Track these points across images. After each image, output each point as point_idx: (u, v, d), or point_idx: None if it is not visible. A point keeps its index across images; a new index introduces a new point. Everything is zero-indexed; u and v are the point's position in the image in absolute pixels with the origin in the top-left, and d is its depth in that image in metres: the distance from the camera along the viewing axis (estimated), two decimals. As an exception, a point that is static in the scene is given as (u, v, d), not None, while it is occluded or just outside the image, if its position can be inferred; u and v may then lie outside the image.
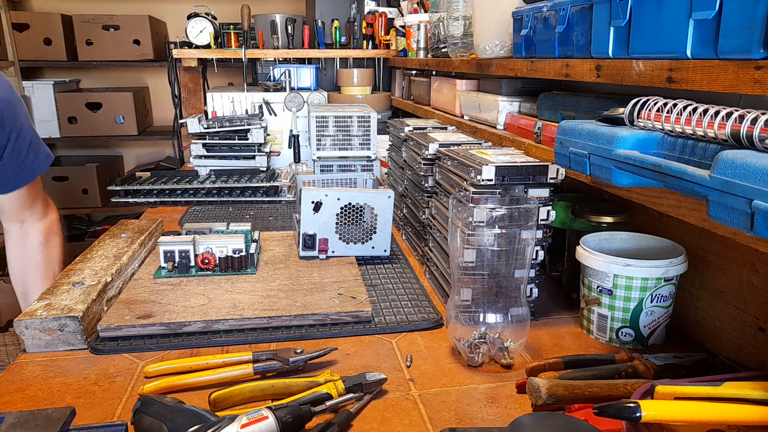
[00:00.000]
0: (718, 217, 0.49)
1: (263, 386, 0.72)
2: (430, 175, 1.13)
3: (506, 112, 1.22)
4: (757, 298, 0.77)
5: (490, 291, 0.84)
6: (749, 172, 0.45)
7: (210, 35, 2.40)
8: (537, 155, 0.99)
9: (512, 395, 0.74)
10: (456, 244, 0.83)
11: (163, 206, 1.67)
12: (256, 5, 2.77)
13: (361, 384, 0.72)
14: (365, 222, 1.18)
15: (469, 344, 0.82)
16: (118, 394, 0.74)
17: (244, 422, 0.59)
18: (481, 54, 1.25)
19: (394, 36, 2.38)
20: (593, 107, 0.89)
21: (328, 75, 2.65)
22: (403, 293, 1.04)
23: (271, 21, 2.57)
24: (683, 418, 0.53)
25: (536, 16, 0.99)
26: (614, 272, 0.83)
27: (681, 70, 0.64)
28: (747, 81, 0.55)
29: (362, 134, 1.49)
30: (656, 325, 0.85)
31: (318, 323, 0.91)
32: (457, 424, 0.68)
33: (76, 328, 0.84)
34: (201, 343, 0.86)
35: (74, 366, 0.81)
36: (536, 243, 0.90)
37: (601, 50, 0.79)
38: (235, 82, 3.26)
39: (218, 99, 2.04)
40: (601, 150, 0.65)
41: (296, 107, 1.96)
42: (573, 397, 0.66)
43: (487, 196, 0.87)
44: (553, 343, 0.89)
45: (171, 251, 1.06)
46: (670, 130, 0.60)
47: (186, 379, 0.75)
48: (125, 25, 2.97)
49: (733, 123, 0.52)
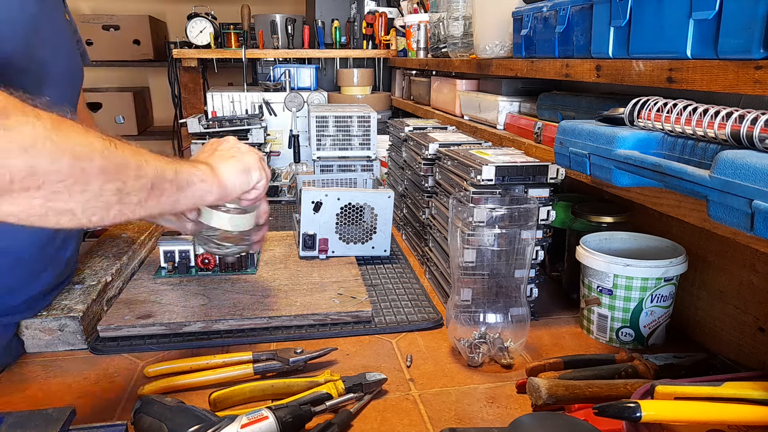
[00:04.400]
0: (718, 217, 0.49)
1: (263, 386, 0.72)
2: (430, 175, 1.13)
3: (506, 112, 1.22)
4: (757, 298, 0.77)
5: (490, 291, 0.84)
6: (749, 172, 0.45)
7: (210, 35, 2.40)
8: (537, 155, 0.99)
9: (512, 395, 0.74)
10: (456, 244, 0.83)
11: (163, 206, 1.67)
12: (256, 5, 2.77)
13: (361, 384, 0.72)
14: (365, 222, 1.18)
15: (469, 344, 0.82)
16: (118, 394, 0.74)
17: (245, 422, 0.59)
18: (481, 54, 1.25)
19: (394, 36, 2.38)
20: (593, 107, 0.89)
21: (328, 75, 2.65)
22: (403, 293, 1.04)
23: (271, 21, 2.57)
24: (683, 418, 0.53)
25: (536, 16, 0.99)
26: (614, 272, 0.83)
27: (681, 70, 0.64)
28: (747, 81, 0.55)
29: (362, 134, 1.49)
30: (656, 325, 0.85)
31: (318, 323, 0.91)
32: (457, 424, 0.68)
33: (76, 328, 0.84)
34: (201, 343, 0.86)
35: (74, 366, 0.81)
36: (536, 243, 0.90)
37: (601, 50, 0.79)
38: (235, 82, 3.26)
39: (218, 99, 2.04)
40: (601, 150, 0.65)
41: (296, 107, 1.96)
42: (573, 397, 0.66)
43: (487, 196, 0.87)
44: (553, 343, 0.89)
45: (171, 251, 1.06)
46: (670, 130, 0.60)
47: (186, 379, 0.75)
48: (125, 25, 2.97)
49: (733, 123, 0.52)
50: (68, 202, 0.54)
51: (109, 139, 0.59)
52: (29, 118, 0.51)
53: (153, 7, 3.30)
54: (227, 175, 0.76)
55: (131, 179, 0.60)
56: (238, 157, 0.80)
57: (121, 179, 0.58)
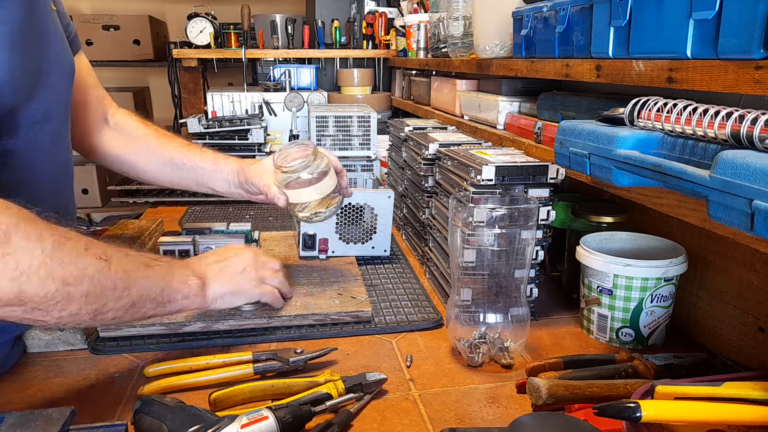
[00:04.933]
0: (718, 217, 0.49)
1: (263, 386, 0.72)
2: (430, 175, 1.13)
3: (506, 112, 1.22)
4: (757, 298, 0.77)
5: (490, 291, 0.84)
6: (749, 172, 0.45)
7: (210, 35, 2.40)
8: (537, 155, 0.99)
9: (512, 395, 0.74)
10: (456, 244, 0.83)
11: (163, 206, 1.67)
12: (256, 5, 2.77)
13: (361, 384, 0.72)
14: (365, 222, 1.18)
15: (469, 344, 0.82)
16: (118, 394, 0.74)
17: (244, 422, 0.59)
18: (481, 54, 1.25)
19: (394, 36, 2.38)
20: (593, 107, 0.89)
21: (328, 75, 2.65)
22: (403, 293, 1.04)
23: (271, 21, 2.57)
24: (683, 418, 0.53)
25: (536, 16, 0.99)
26: (614, 272, 0.83)
27: (681, 70, 0.64)
28: (747, 81, 0.55)
29: (362, 134, 1.49)
30: (656, 325, 0.85)
31: (318, 323, 0.91)
32: (457, 424, 0.68)
33: (75, 328, 0.84)
34: (201, 343, 0.86)
35: (74, 366, 0.81)
36: (536, 243, 0.90)
37: (601, 50, 0.79)
38: (235, 82, 3.25)
39: (218, 99, 2.04)
40: (601, 150, 0.65)
41: (296, 107, 1.96)
42: (573, 397, 0.66)
43: (487, 196, 0.87)
44: (553, 343, 0.89)
45: (171, 251, 1.06)
46: (670, 130, 0.60)
47: (186, 379, 0.75)
48: (125, 25, 2.97)
49: (733, 123, 0.52)
50: (45, 316, 0.58)
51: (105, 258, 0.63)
52: (30, 243, 0.55)
53: (153, 7, 3.30)
54: (213, 296, 0.80)
55: (112, 301, 0.63)
56: (238, 279, 0.84)
57: (101, 302, 0.62)
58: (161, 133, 1.08)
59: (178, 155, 1.04)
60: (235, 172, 1.00)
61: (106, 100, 1.06)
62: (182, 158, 1.04)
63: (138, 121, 1.08)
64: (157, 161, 1.05)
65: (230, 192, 1.03)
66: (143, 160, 1.05)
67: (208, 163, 1.03)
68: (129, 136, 1.06)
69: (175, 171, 1.05)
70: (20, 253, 0.54)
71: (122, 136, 1.05)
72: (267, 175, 0.95)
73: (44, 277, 0.56)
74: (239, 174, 1.00)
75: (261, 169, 0.97)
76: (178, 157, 1.04)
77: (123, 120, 1.07)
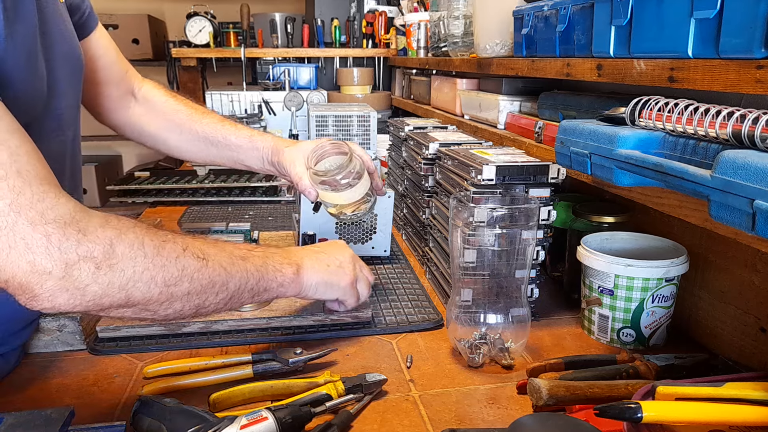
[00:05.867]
0: (720, 217, 0.49)
1: (263, 387, 0.72)
2: (430, 174, 1.13)
3: (507, 112, 1.22)
4: (759, 298, 0.77)
5: (490, 291, 0.84)
6: (750, 172, 0.45)
7: (209, 34, 2.40)
8: (538, 155, 0.99)
9: (513, 396, 0.74)
10: (456, 244, 0.83)
11: (162, 206, 1.67)
12: (256, 4, 2.76)
13: (361, 385, 0.72)
14: (365, 222, 1.18)
15: (470, 345, 0.81)
16: (117, 395, 0.74)
17: (244, 423, 0.59)
18: (481, 53, 1.25)
19: (394, 35, 2.37)
20: (594, 107, 0.89)
21: (328, 74, 2.65)
22: (403, 293, 1.04)
23: (270, 20, 2.57)
24: (684, 419, 0.53)
25: (537, 15, 0.99)
26: (615, 272, 0.83)
27: (682, 70, 0.63)
28: (748, 80, 0.54)
29: (362, 134, 1.49)
30: (657, 326, 0.85)
31: (318, 324, 0.91)
32: (457, 425, 0.68)
33: (75, 329, 0.84)
34: (200, 344, 0.86)
35: (73, 366, 0.80)
36: (537, 243, 0.90)
37: (602, 49, 0.79)
38: (235, 82, 3.25)
39: (217, 98, 2.04)
40: (602, 150, 0.65)
41: (296, 107, 1.96)
42: (574, 398, 0.66)
43: (488, 196, 0.87)
44: (553, 343, 0.89)
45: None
46: (671, 129, 0.60)
47: (185, 380, 0.74)
48: (124, 24, 2.97)
49: (734, 123, 0.52)
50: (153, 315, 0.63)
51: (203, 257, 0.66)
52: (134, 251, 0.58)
53: (152, 6, 3.30)
54: (308, 283, 0.81)
55: (212, 296, 0.67)
56: (334, 271, 0.84)
57: (202, 298, 0.66)
58: (193, 108, 1.06)
59: (213, 132, 1.02)
60: (270, 151, 1.00)
61: (129, 72, 1.04)
62: (217, 135, 1.02)
63: (167, 94, 1.06)
64: (190, 138, 1.03)
65: (263, 168, 1.03)
66: (175, 137, 1.04)
67: (245, 140, 1.01)
68: (158, 111, 1.04)
69: (210, 148, 1.03)
70: (126, 262, 0.57)
71: (152, 111, 1.04)
72: (299, 163, 0.95)
73: (148, 281, 0.59)
74: (273, 154, 0.99)
75: (294, 155, 0.97)
76: (212, 134, 1.02)
77: (151, 93, 1.05)
